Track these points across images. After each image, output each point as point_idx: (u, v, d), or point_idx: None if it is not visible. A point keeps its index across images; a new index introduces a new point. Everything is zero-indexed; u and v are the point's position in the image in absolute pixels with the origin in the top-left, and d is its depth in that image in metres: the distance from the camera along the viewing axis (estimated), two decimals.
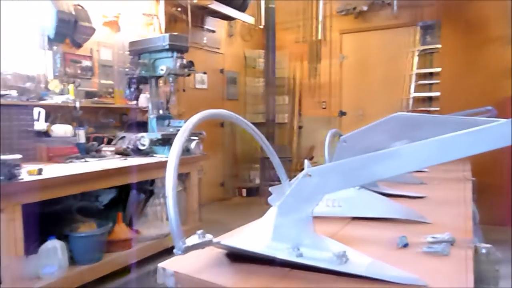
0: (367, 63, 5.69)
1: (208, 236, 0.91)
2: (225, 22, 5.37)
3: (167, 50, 3.15)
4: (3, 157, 1.91)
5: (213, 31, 5.20)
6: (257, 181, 5.87)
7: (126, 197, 3.17)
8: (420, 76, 5.24)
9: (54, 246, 2.27)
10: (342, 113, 5.88)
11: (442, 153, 0.80)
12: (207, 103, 5.27)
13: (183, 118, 4.69)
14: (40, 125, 2.94)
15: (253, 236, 1.03)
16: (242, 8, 4.71)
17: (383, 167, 0.86)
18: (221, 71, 5.59)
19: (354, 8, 5.43)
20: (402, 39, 5.38)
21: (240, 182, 5.97)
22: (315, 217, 1.25)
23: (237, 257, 0.95)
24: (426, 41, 5.13)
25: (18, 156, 1.96)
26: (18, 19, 3.09)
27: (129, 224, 3.09)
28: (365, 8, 4.93)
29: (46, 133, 2.96)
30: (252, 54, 6.18)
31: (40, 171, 2.19)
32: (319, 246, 0.93)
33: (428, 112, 4.95)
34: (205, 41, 5.03)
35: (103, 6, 3.62)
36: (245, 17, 4.83)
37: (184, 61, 3.19)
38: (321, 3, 5.78)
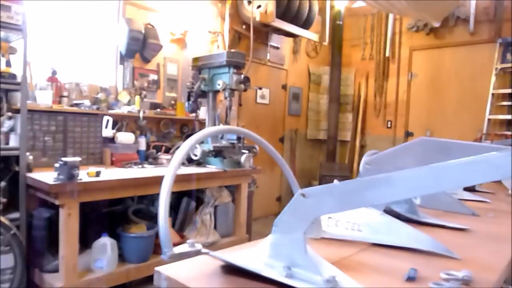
0: (439, 82, 5.34)
1: (198, 246, 0.94)
2: (290, 39, 5.44)
3: (224, 66, 3.28)
4: (65, 159, 2.14)
5: (277, 48, 5.30)
6: None
7: (179, 204, 3.33)
8: (499, 97, 4.79)
9: (105, 243, 2.47)
10: (409, 134, 5.57)
11: (435, 182, 0.75)
12: (267, 117, 5.37)
13: None
14: (108, 132, 3.23)
15: (254, 251, 1.04)
16: (305, 25, 4.74)
17: (376, 193, 0.83)
18: (284, 86, 5.65)
19: (426, 25, 5.17)
20: (479, 57, 4.98)
21: None
22: (335, 239, 1.22)
23: (233, 270, 0.97)
24: (506, 59, 4.68)
25: (78, 159, 2.19)
26: (96, 37, 3.47)
27: (180, 230, 3.24)
28: (437, 24, 4.67)
29: (112, 140, 3.25)
30: (317, 70, 6.16)
31: (98, 174, 2.41)
32: (311, 268, 0.91)
33: (506, 136, 4.49)
34: (268, 57, 5.14)
35: (172, 24, 3.90)
36: (308, 34, 4.85)
37: (241, 77, 3.29)
38: (390, 20, 5.59)
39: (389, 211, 1.48)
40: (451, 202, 1.74)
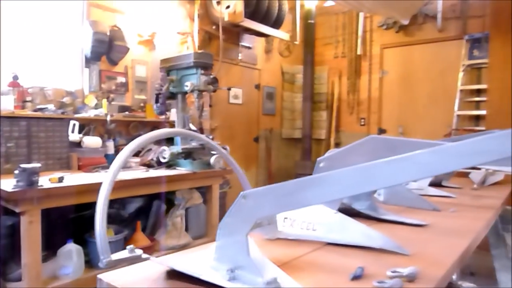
0: (410, 78, 5.46)
1: (138, 252, 0.93)
2: (262, 38, 5.45)
3: (192, 67, 3.26)
4: (24, 165, 2.09)
5: (249, 48, 5.30)
6: None
7: (150, 208, 3.29)
8: (467, 93, 4.92)
9: (70, 249, 2.42)
10: (382, 131, 5.67)
11: (365, 181, 0.76)
12: (241, 117, 5.36)
13: (215, 132, 4.82)
14: (74, 136, 3.16)
15: (202, 254, 1.03)
16: (276, 24, 4.75)
17: (312, 194, 0.83)
18: (257, 86, 5.66)
19: (395, 22, 5.26)
20: (448, 53, 5.10)
21: None
22: (291, 240, 1.22)
23: (178, 275, 0.96)
24: (473, 56, 4.82)
25: (37, 165, 2.13)
26: (60, 40, 3.39)
27: (151, 233, 3.20)
28: (405, 22, 4.75)
29: (79, 144, 3.18)
30: (290, 69, 6.19)
31: (60, 179, 2.35)
32: (253, 270, 0.91)
33: (474, 131, 4.62)
34: (240, 57, 5.13)
35: (139, 26, 3.85)
36: (279, 34, 4.87)
37: (209, 78, 3.27)
38: (361, 18, 5.67)
39: (348, 209, 1.50)
40: (413, 198, 1.77)
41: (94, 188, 2.46)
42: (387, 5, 4.31)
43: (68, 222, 2.74)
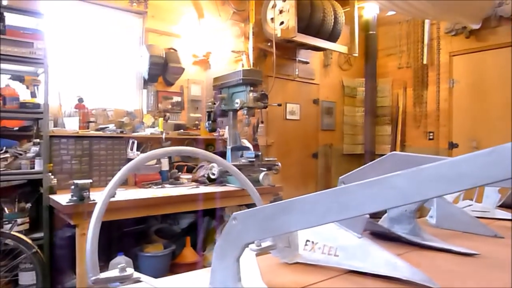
0: (483, 87, 4.95)
1: (129, 271, 0.91)
2: (320, 52, 5.37)
3: (241, 84, 3.29)
4: (76, 181, 2.25)
5: (307, 62, 5.24)
6: None
7: (202, 224, 3.35)
8: None
9: (119, 262, 2.51)
10: (453, 145, 5.19)
11: (340, 208, 0.67)
12: (298, 133, 5.28)
13: (271, 148, 4.80)
14: (132, 154, 3.35)
15: (199, 277, 1.00)
16: (332, 37, 4.65)
17: (290, 219, 0.76)
18: (315, 101, 5.55)
19: (465, 27, 4.84)
20: None
21: None
22: (309, 264, 1.14)
23: None
24: None
25: (88, 181, 2.28)
26: (121, 64, 3.66)
27: (202, 249, 3.25)
28: (476, 26, 4.35)
29: None
30: (351, 83, 5.99)
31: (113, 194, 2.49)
32: None
33: None
34: (297, 73, 5.09)
35: (194, 47, 4.02)
36: (335, 47, 4.75)
37: (258, 94, 3.27)
38: (427, 25, 5.32)
39: (388, 233, 1.36)
40: (469, 222, 1.56)
41: (143, 203, 2.59)
42: (453, 10, 3.99)
43: (121, 236, 2.89)
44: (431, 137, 5.40)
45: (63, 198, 2.40)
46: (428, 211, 1.61)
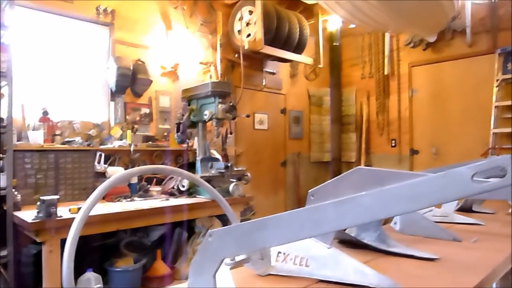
0: (441, 96, 5.25)
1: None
2: (287, 63, 5.50)
3: (210, 96, 3.33)
4: (43, 197, 2.20)
5: (273, 73, 5.35)
6: None
7: (172, 236, 3.33)
8: (504, 109, 4.64)
9: (89, 278, 2.48)
10: (414, 152, 5.45)
11: (314, 225, 0.73)
12: (267, 142, 5.37)
13: (240, 158, 4.84)
14: (99, 167, 3.30)
15: None
16: (298, 49, 4.79)
17: (266, 235, 0.81)
18: (283, 111, 5.66)
19: (422, 40, 5.13)
20: (480, 68, 4.88)
21: None
22: (282, 276, 1.18)
23: None
24: (507, 70, 4.57)
25: (55, 197, 2.24)
26: (87, 75, 3.61)
27: (172, 261, 3.23)
28: (432, 39, 4.62)
29: (104, 174, 3.31)
30: (317, 92, 6.16)
31: (80, 210, 2.45)
32: None
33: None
34: (264, 83, 5.19)
35: (162, 59, 4.02)
36: (301, 58, 4.89)
37: (227, 106, 3.32)
38: (387, 37, 5.58)
39: (354, 241, 1.43)
40: (430, 227, 1.66)
41: (113, 217, 2.56)
42: (410, 24, 4.22)
43: (90, 251, 2.83)
44: (393, 144, 5.64)
45: (28, 215, 2.33)
46: (392, 218, 1.71)
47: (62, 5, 3.34)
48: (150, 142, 3.71)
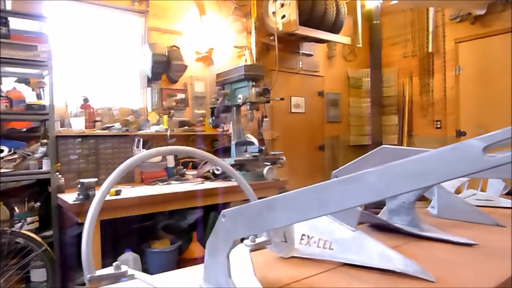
0: (490, 74, 4.88)
1: (124, 268, 0.95)
2: (324, 44, 5.34)
3: (243, 79, 3.30)
4: (82, 180, 2.30)
5: (310, 55, 5.23)
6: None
7: (207, 218, 3.40)
8: None
9: (127, 258, 2.59)
10: (461, 133, 5.14)
11: (320, 204, 0.69)
12: (304, 126, 5.28)
13: (277, 142, 4.81)
14: (138, 151, 3.40)
15: (194, 274, 1.02)
16: (334, 29, 4.62)
17: (275, 215, 0.78)
18: (320, 93, 5.54)
19: (470, 13, 4.77)
20: None
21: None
22: (305, 258, 1.16)
23: None
24: None
25: (94, 179, 2.33)
26: (125, 63, 3.71)
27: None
28: (481, 12, 4.28)
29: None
30: (356, 73, 5.96)
31: (118, 192, 2.54)
32: None
33: None
34: (300, 66, 5.08)
35: (197, 44, 4.03)
36: (338, 38, 4.73)
37: (260, 89, 3.28)
38: (431, 13, 5.25)
39: (386, 225, 1.38)
40: (470, 211, 1.56)
41: (148, 200, 2.64)
42: None
43: (129, 233, 2.95)
44: (438, 125, 5.35)
45: (70, 197, 2.45)
46: (430, 201, 1.62)
47: None
48: (186, 127, 3.77)
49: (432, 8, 5.18)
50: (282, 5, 4.30)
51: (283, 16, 4.28)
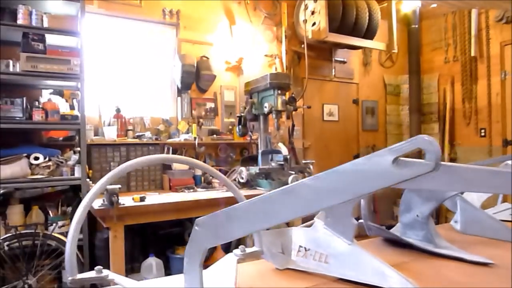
0: None
1: (105, 272, 0.97)
2: (359, 51, 5.22)
3: (269, 88, 3.31)
4: (107, 186, 2.40)
5: (344, 62, 5.13)
6: None
7: None
8: None
9: (151, 263, 2.66)
10: (508, 143, 4.78)
11: (266, 217, 0.68)
12: (338, 135, 5.18)
13: (309, 151, 4.75)
14: None
15: (176, 282, 1.03)
16: (368, 35, 4.51)
17: (233, 226, 0.77)
18: (355, 101, 5.40)
19: None
20: None
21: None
22: (301, 271, 1.13)
23: None
24: None
25: (117, 186, 2.42)
26: (156, 74, 3.84)
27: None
28: None
29: (170, 167, 3.50)
30: (394, 80, 5.75)
31: (142, 199, 2.62)
32: None
33: None
34: (334, 73, 5.00)
35: (226, 54, 4.10)
36: (372, 44, 4.60)
37: (285, 98, 3.27)
38: (474, 15, 4.96)
39: (398, 239, 1.31)
40: (496, 227, 1.45)
41: (171, 207, 2.70)
42: None
43: (156, 239, 3.03)
44: (483, 134, 5.02)
45: (97, 203, 2.57)
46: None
47: (131, 10, 3.60)
48: (215, 136, 3.83)
49: (475, 9, 4.90)
50: (313, 13, 4.27)
51: (314, 24, 4.25)
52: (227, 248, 3.29)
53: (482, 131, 5.02)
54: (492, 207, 1.78)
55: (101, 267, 0.97)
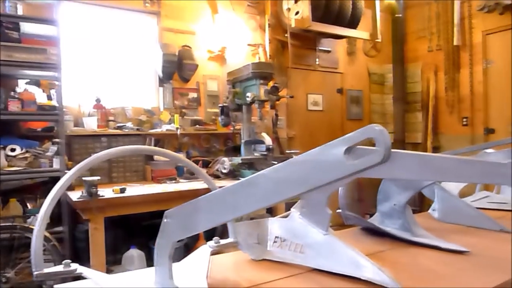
0: None
1: (74, 266, 0.94)
2: (344, 40, 5.21)
3: (251, 78, 3.28)
4: (85, 178, 2.36)
5: (328, 51, 5.11)
6: None
7: None
8: None
9: (132, 255, 2.64)
10: (489, 131, 4.86)
11: (229, 209, 0.66)
12: (323, 124, 5.18)
13: (294, 141, 4.76)
14: None
15: (148, 275, 1.02)
16: (352, 24, 4.49)
17: (198, 218, 0.76)
18: (340, 90, 5.40)
19: (498, 3, 4.48)
20: None
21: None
22: (276, 261, 1.12)
23: None
24: None
25: (96, 178, 2.38)
26: (137, 63, 3.77)
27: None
28: (510, 1, 4.01)
29: (152, 158, 3.46)
30: (378, 69, 5.77)
31: (122, 190, 2.59)
32: None
33: None
34: (317, 62, 4.98)
35: (209, 43, 4.05)
36: (355, 33, 4.59)
37: (268, 87, 3.25)
38: (457, 3, 4.98)
39: (375, 228, 1.32)
40: (474, 215, 1.46)
41: (151, 198, 2.67)
42: None
43: (138, 230, 3.00)
44: (465, 122, 5.09)
45: (76, 195, 2.53)
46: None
47: None
48: (198, 126, 3.79)
49: None
50: (296, 1, 4.23)
51: (297, 13, 4.22)
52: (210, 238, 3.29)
53: (465, 119, 5.09)
54: (471, 195, 1.80)
55: (70, 261, 0.95)
